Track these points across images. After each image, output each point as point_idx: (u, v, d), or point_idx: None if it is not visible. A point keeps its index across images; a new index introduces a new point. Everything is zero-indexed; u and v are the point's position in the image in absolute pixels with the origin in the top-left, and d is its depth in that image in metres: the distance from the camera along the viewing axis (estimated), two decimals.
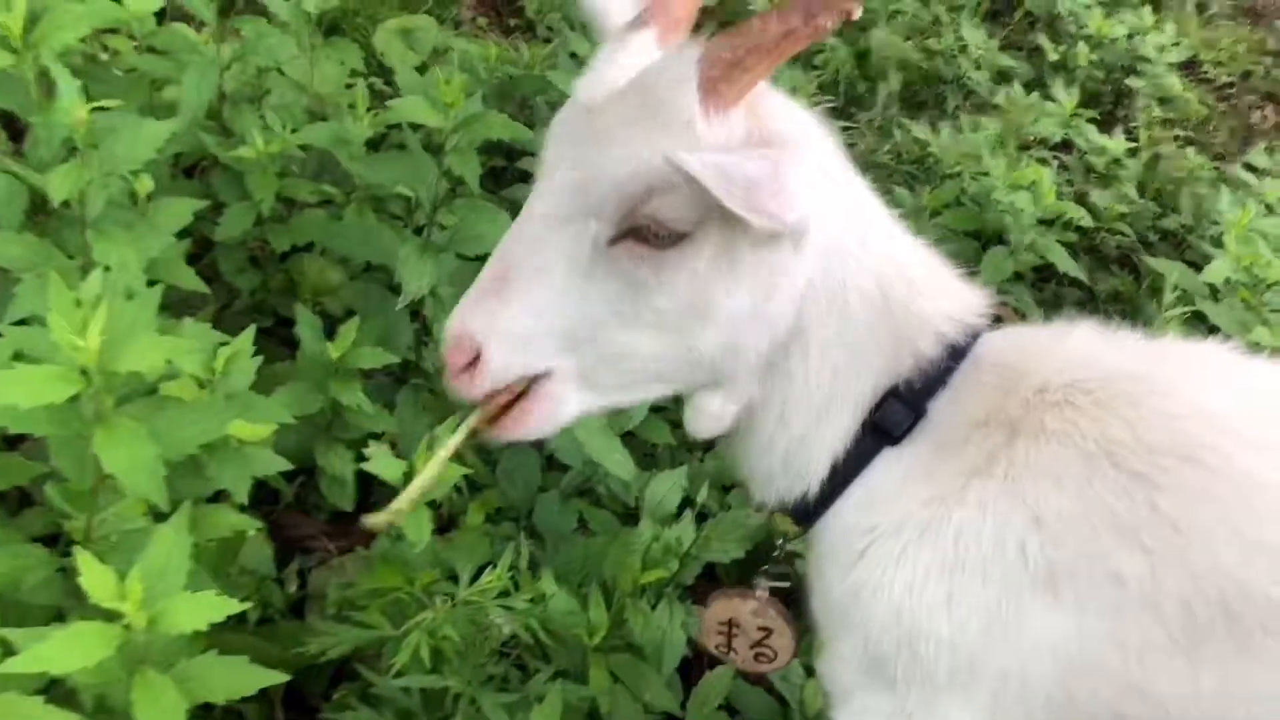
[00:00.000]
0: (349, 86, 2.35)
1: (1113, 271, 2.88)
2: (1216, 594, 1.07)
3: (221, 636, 1.70)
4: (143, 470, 1.23)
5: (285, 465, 1.70)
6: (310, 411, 1.86)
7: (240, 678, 1.32)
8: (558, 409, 1.17)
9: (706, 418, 1.20)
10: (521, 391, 1.16)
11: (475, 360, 1.12)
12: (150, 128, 1.63)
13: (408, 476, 1.72)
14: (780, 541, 1.35)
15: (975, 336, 1.19)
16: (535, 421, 1.17)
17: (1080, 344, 1.21)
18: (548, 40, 3.15)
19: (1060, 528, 1.11)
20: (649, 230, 1.08)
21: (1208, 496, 1.09)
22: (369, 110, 2.10)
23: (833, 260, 1.14)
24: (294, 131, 2.08)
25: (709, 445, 1.99)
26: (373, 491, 1.99)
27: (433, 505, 1.95)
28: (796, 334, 1.15)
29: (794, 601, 1.40)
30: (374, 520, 1.22)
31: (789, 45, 1.03)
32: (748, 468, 1.26)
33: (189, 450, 1.36)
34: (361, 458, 1.77)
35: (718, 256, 1.10)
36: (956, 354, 1.18)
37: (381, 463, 1.70)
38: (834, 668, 1.27)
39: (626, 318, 1.12)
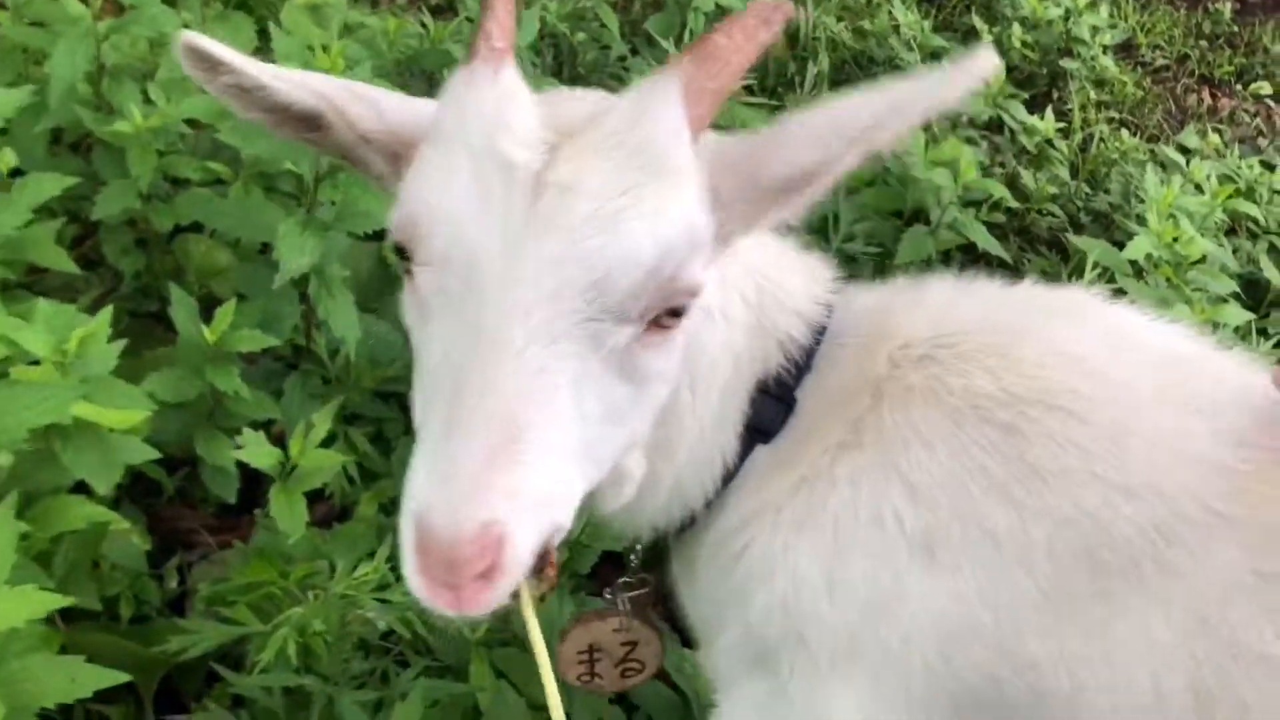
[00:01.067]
0: None
1: (1041, 252, 2.84)
2: (1081, 541, 1.05)
3: (86, 637, 1.62)
4: None
5: (152, 454, 1.61)
6: (187, 398, 1.77)
7: (77, 680, 1.23)
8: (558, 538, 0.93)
9: (630, 482, 1.09)
10: None
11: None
12: (4, 95, 1.53)
13: (282, 465, 1.64)
14: (634, 552, 1.28)
15: (830, 310, 1.16)
16: (552, 575, 0.95)
17: (939, 298, 1.18)
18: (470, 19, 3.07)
19: (934, 492, 1.09)
20: (675, 312, 0.92)
21: (1072, 443, 1.07)
22: None
23: (717, 272, 1.06)
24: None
25: None
26: (261, 483, 1.90)
27: (321, 495, 1.87)
28: (688, 363, 1.05)
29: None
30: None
31: (752, 59, 0.94)
32: (627, 514, 1.16)
33: (22, 433, 1.27)
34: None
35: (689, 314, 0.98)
36: (817, 334, 1.15)
37: (254, 451, 1.62)
38: (716, 660, 1.24)
39: (625, 416, 0.95)
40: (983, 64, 0.90)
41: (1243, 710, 1.03)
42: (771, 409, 1.14)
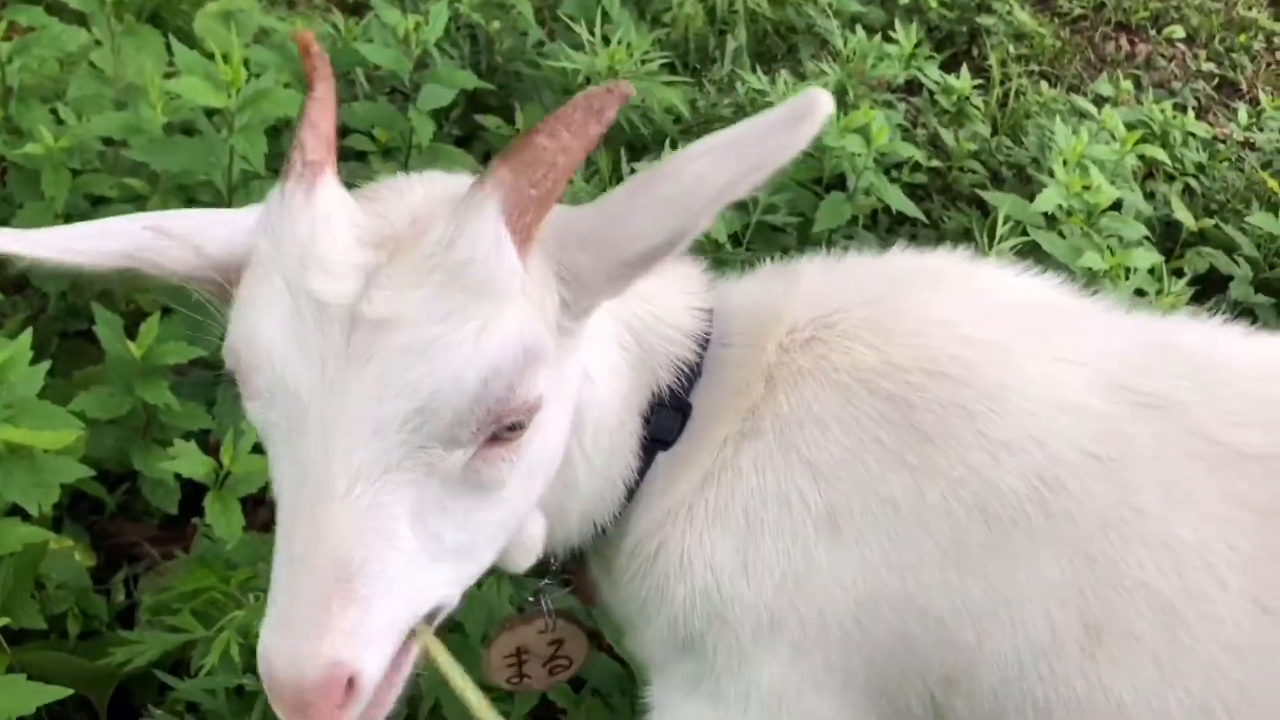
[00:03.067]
0: (169, 76, 2.27)
1: (962, 209, 2.90)
2: (972, 498, 1.10)
3: (33, 655, 1.65)
4: None
5: (87, 472, 1.64)
6: (119, 414, 1.79)
7: (17, 696, 1.26)
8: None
9: (529, 545, 1.11)
10: None
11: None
12: None
13: (216, 473, 1.67)
14: (553, 557, 1.27)
15: (709, 314, 1.18)
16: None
17: (814, 279, 1.22)
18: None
19: (833, 468, 1.13)
20: (513, 427, 0.91)
21: (956, 404, 1.11)
22: (168, 98, 2.01)
23: (591, 330, 1.06)
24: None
25: None
26: (203, 492, 1.92)
27: (261, 501, 1.90)
28: (575, 423, 1.07)
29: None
30: None
31: (585, 154, 0.89)
32: (543, 546, 1.17)
33: None
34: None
35: (556, 401, 0.98)
36: (702, 341, 1.17)
37: (187, 461, 1.65)
38: (642, 648, 1.28)
39: (484, 523, 0.95)
40: (818, 105, 0.90)
41: (1131, 638, 1.09)
42: (668, 419, 1.16)
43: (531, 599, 1.35)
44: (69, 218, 2.04)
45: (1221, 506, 1.10)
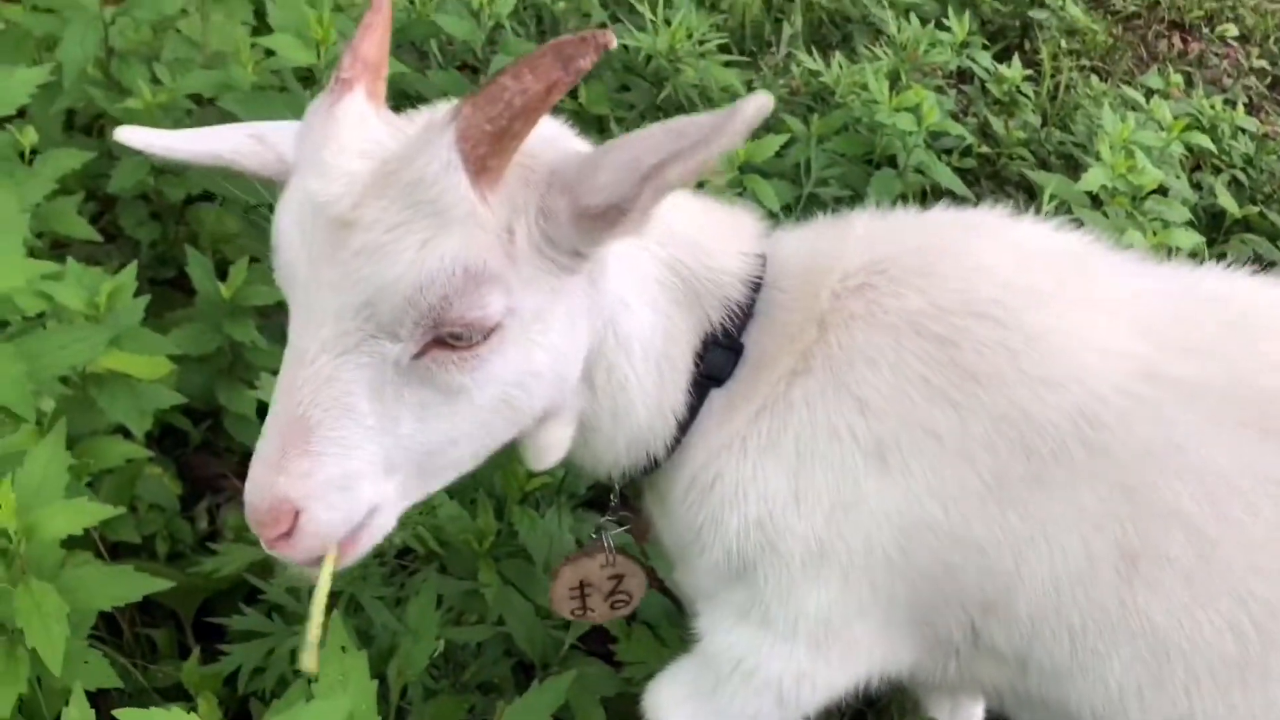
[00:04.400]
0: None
1: (1010, 194, 2.97)
2: (1014, 432, 1.17)
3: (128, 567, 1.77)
4: (7, 384, 1.28)
5: (179, 399, 1.76)
6: (207, 350, 1.91)
7: (126, 585, 1.38)
8: (386, 526, 1.10)
9: (549, 451, 1.21)
10: None
11: (293, 525, 1.01)
12: (21, 74, 1.68)
13: None
14: (613, 493, 1.39)
15: (763, 259, 1.25)
16: (366, 546, 1.09)
17: (865, 230, 1.28)
18: None
19: (881, 403, 1.19)
20: (455, 336, 1.00)
21: (1000, 346, 1.18)
22: (256, 60, 2.14)
23: (624, 267, 1.15)
24: None
25: None
26: None
27: None
28: (616, 345, 1.16)
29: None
30: (306, 663, 1.07)
31: (553, 98, 0.95)
32: (589, 464, 1.29)
33: (59, 369, 1.41)
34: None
35: (529, 327, 1.05)
36: (755, 285, 1.24)
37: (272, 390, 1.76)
38: (698, 579, 1.35)
39: (445, 420, 1.05)
40: (756, 106, 0.94)
41: (1165, 562, 1.16)
42: (721, 358, 1.23)
43: (594, 535, 1.44)
44: (162, 173, 2.18)
45: (1258, 443, 1.15)
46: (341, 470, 1.01)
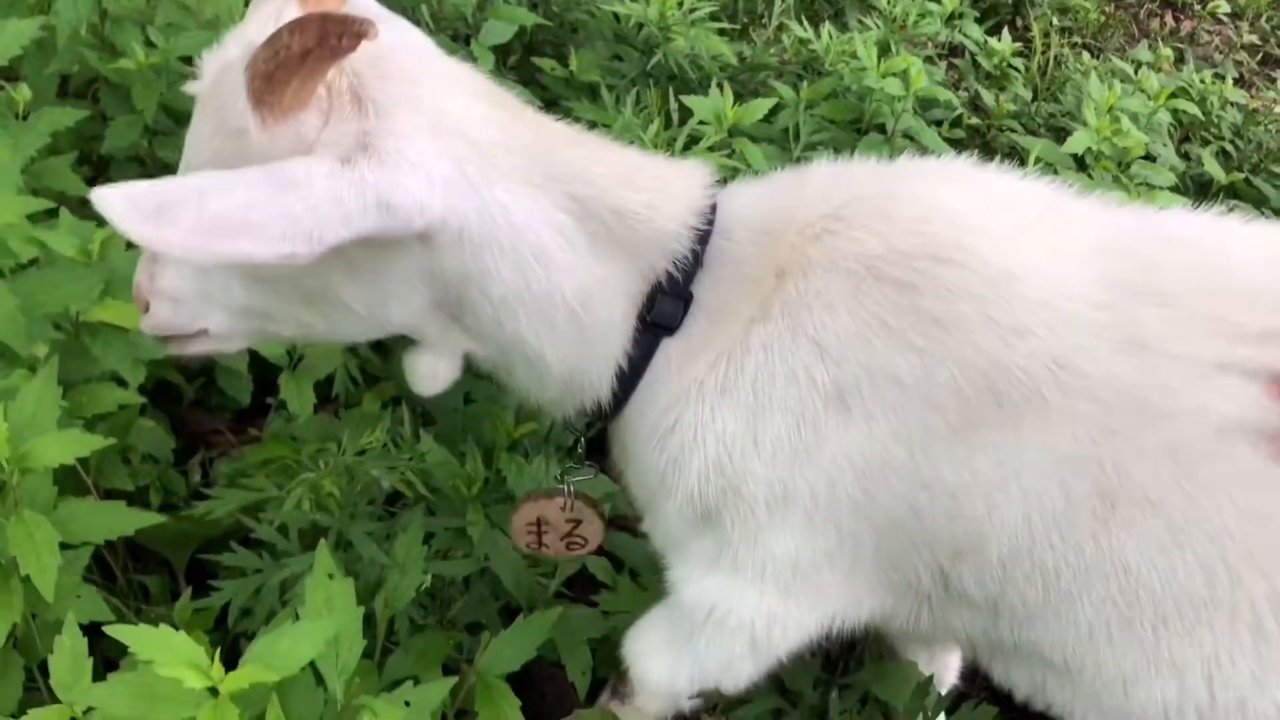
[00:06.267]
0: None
1: (998, 164, 2.99)
2: (983, 379, 1.16)
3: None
4: (3, 320, 1.30)
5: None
6: None
7: (118, 520, 1.41)
8: (220, 348, 1.27)
9: (425, 380, 1.26)
10: None
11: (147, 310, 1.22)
12: (13, 27, 1.70)
13: (290, 356, 1.82)
14: (578, 440, 1.42)
15: (713, 209, 1.25)
16: (198, 349, 1.27)
17: (822, 179, 1.28)
18: None
19: (840, 348, 1.19)
20: None
21: (964, 291, 1.17)
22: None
23: (508, 222, 1.14)
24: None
25: None
26: (271, 389, 2.07)
27: (328, 397, 2.04)
28: (486, 300, 1.18)
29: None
30: None
31: (315, 62, 1.00)
32: (531, 402, 1.32)
33: (54, 311, 1.43)
34: (255, 352, 1.87)
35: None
36: (703, 235, 1.24)
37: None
38: (663, 524, 1.36)
39: (260, 299, 1.18)
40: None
41: (1146, 504, 1.16)
42: (670, 307, 1.23)
43: (556, 478, 1.48)
44: (156, 134, 2.21)
45: (1241, 380, 1.15)
46: (173, 288, 1.19)
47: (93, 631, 1.29)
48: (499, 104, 1.17)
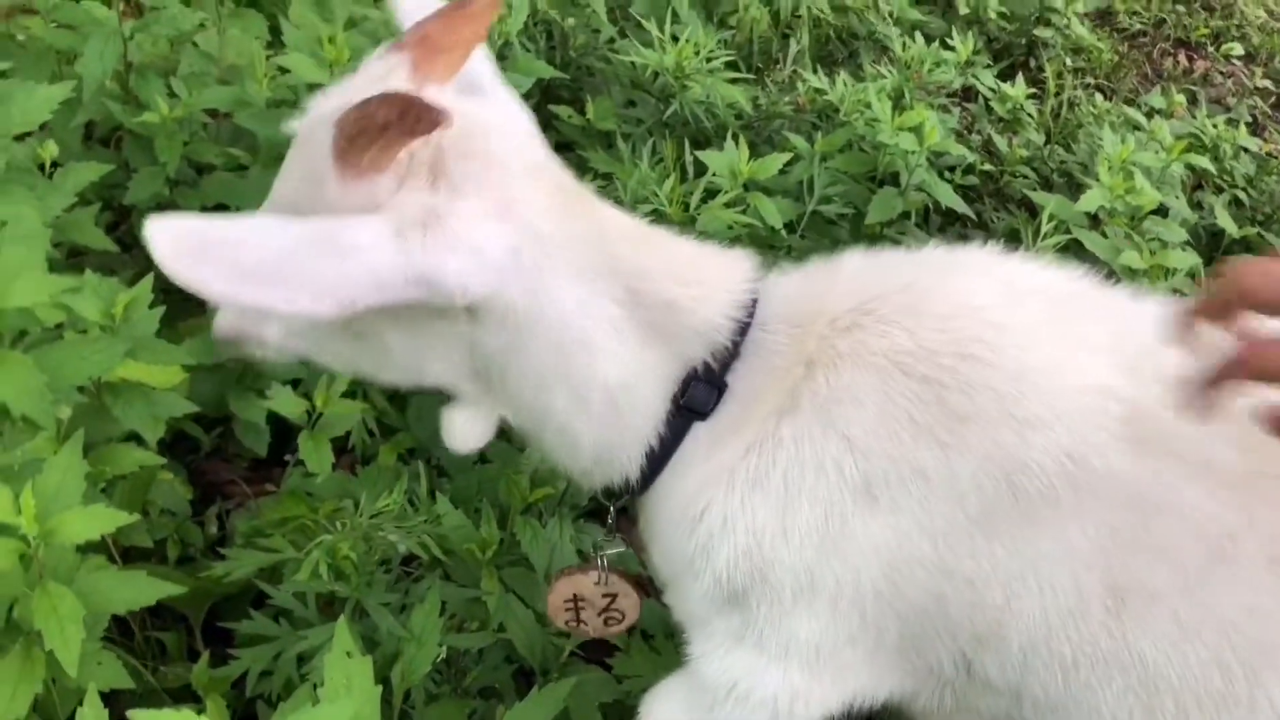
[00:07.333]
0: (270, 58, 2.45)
1: (1012, 211, 3.00)
2: (1000, 473, 1.18)
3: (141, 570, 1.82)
4: (29, 396, 1.33)
5: (191, 408, 1.80)
6: (220, 360, 1.96)
7: (139, 590, 1.42)
8: (280, 357, 1.28)
9: (454, 435, 1.28)
10: None
11: None
12: (45, 91, 1.72)
13: (309, 414, 1.83)
14: (610, 514, 1.43)
15: (754, 301, 1.27)
16: (254, 350, 1.28)
17: (853, 271, 1.30)
18: None
19: (868, 441, 1.21)
20: None
21: (985, 385, 1.19)
22: (270, 76, 2.19)
23: (563, 310, 1.17)
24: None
25: None
26: (288, 440, 2.09)
27: (345, 449, 2.06)
28: (523, 379, 1.20)
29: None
30: None
31: (395, 135, 1.04)
32: (562, 468, 1.34)
33: (78, 380, 1.45)
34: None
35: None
36: (743, 327, 1.26)
37: (283, 401, 1.81)
38: (687, 602, 1.38)
39: (306, 342, 1.22)
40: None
41: (1151, 596, 1.18)
42: (703, 393, 1.25)
43: (592, 551, 1.48)
44: (178, 184, 2.23)
45: (1243, 478, 1.17)
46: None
47: (112, 695, 1.31)
48: (568, 193, 1.20)
